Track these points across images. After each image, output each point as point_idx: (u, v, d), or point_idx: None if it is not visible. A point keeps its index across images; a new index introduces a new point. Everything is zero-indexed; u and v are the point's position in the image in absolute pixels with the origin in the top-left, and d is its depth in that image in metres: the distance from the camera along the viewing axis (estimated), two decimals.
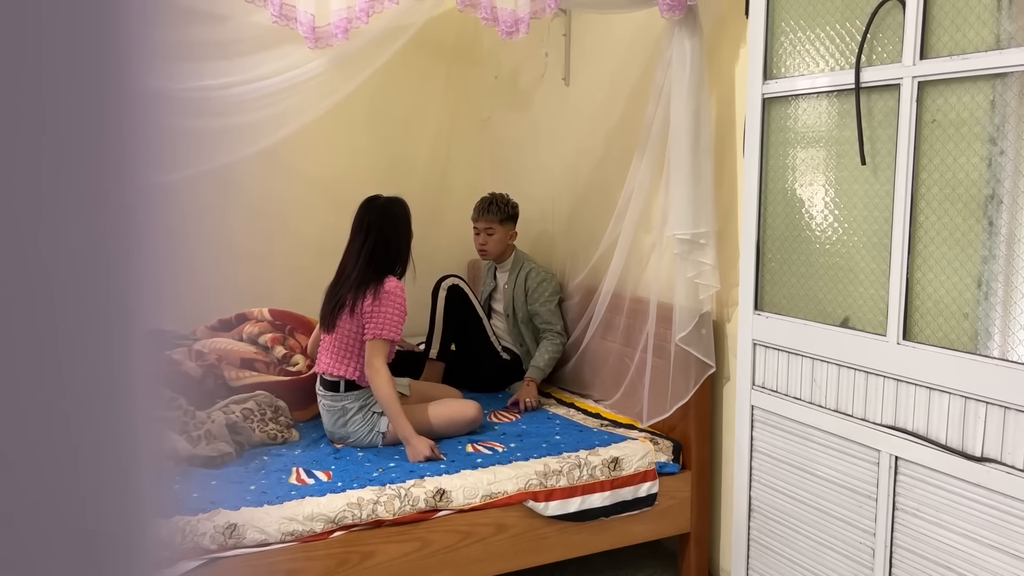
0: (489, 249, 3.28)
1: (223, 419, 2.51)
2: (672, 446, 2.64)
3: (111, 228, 0.33)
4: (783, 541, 2.20)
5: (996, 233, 1.65)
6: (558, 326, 3.21)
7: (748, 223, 2.21)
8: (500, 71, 3.99)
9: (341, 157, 3.79)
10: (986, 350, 1.68)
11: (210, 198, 3.45)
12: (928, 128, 1.76)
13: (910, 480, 1.83)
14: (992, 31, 1.63)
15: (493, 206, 3.25)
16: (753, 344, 2.23)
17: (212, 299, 3.39)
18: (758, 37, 2.13)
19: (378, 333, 2.53)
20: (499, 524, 2.34)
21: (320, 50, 2.74)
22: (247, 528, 2.04)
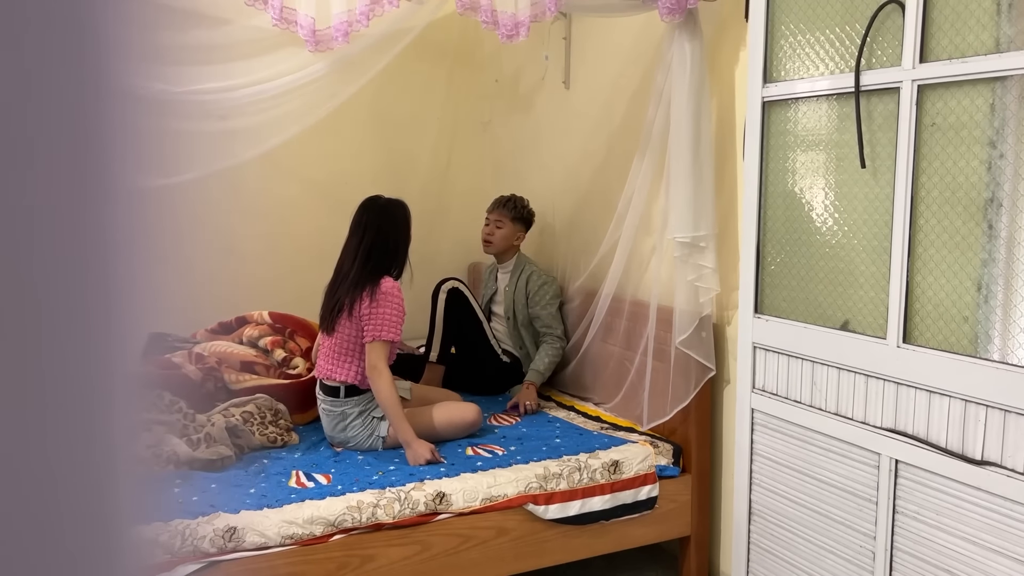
0: (494, 241, 3.30)
1: (223, 422, 2.51)
2: (672, 449, 2.64)
3: (90, 230, 0.32)
4: (783, 545, 2.20)
5: (996, 236, 1.65)
6: (558, 330, 3.22)
7: (748, 226, 2.21)
8: (501, 74, 3.99)
9: (342, 160, 3.79)
10: (986, 353, 1.68)
11: (211, 201, 3.46)
12: (928, 131, 1.76)
13: (910, 483, 1.83)
14: (992, 34, 1.63)
15: (510, 203, 3.32)
16: (753, 347, 2.23)
17: (212, 302, 3.39)
18: (758, 40, 2.13)
19: (377, 335, 2.53)
20: (499, 527, 2.34)
21: (321, 53, 2.74)
22: (247, 531, 2.04)
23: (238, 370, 2.91)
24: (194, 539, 1.98)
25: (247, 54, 2.75)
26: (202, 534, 2.00)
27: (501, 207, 3.31)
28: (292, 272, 3.62)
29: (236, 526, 2.04)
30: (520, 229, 3.33)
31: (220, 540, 2.01)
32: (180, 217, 3.38)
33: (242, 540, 2.03)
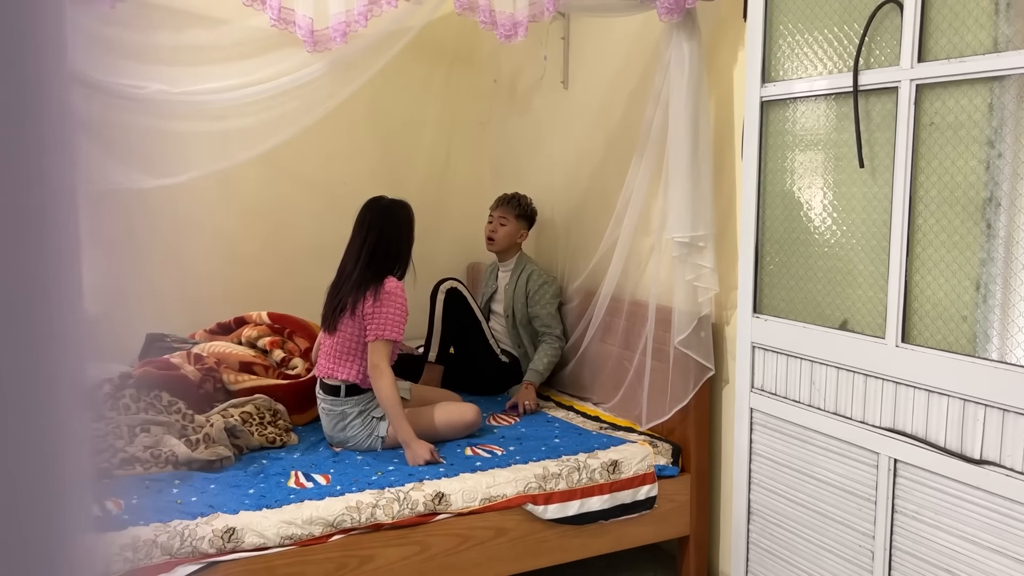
0: (497, 239, 3.30)
1: (222, 423, 2.50)
2: (671, 449, 2.64)
3: (32, 228, 0.31)
4: (782, 544, 2.20)
5: (994, 236, 1.66)
6: (557, 330, 3.22)
7: (747, 226, 2.21)
8: (499, 75, 3.99)
9: (340, 161, 3.79)
10: (985, 352, 1.68)
11: (209, 202, 3.46)
12: (926, 131, 1.76)
13: (909, 483, 1.83)
14: (990, 34, 1.63)
15: (514, 200, 3.33)
16: (752, 347, 2.23)
17: (210, 302, 3.39)
18: (756, 40, 2.13)
19: (380, 334, 2.53)
20: (498, 528, 2.34)
21: (319, 54, 2.74)
22: (246, 532, 2.04)
23: (237, 370, 2.91)
24: (193, 540, 1.98)
25: (245, 54, 2.74)
26: (201, 535, 2.00)
27: (505, 204, 3.32)
28: (290, 273, 3.62)
29: (235, 527, 2.04)
30: (523, 227, 3.34)
31: (219, 541, 2.01)
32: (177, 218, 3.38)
33: (241, 541, 2.03)
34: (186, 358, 2.86)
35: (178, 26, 2.73)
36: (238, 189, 3.54)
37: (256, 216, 3.62)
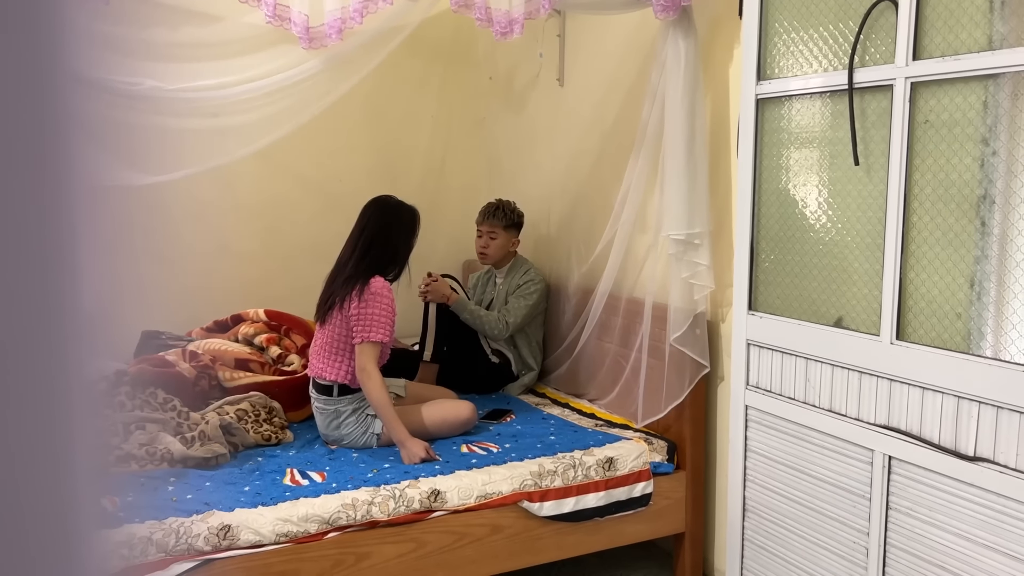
0: (490, 253, 3.28)
1: (217, 420, 2.50)
2: (667, 446, 2.64)
3: (44, 225, 0.31)
4: (777, 541, 2.21)
5: (989, 233, 1.66)
6: (511, 319, 3.15)
7: (742, 224, 2.21)
8: (495, 72, 3.99)
9: (336, 158, 3.79)
10: (979, 350, 1.69)
11: (205, 199, 3.45)
12: (921, 129, 1.77)
13: (904, 480, 1.83)
14: (984, 32, 1.64)
15: (499, 211, 3.25)
16: (747, 344, 2.24)
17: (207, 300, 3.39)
18: (752, 38, 2.14)
19: (366, 336, 2.52)
20: (494, 525, 2.34)
21: (314, 51, 2.74)
22: (241, 529, 2.04)
23: (232, 368, 2.91)
24: (188, 537, 1.98)
25: (240, 51, 2.74)
26: (196, 532, 1.99)
27: (491, 217, 3.25)
28: (287, 270, 3.62)
29: (231, 524, 2.03)
30: (514, 235, 3.30)
31: (215, 538, 2.01)
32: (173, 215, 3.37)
33: (237, 538, 2.03)
34: (181, 355, 2.86)
35: (173, 23, 2.73)
36: (234, 186, 3.54)
37: (252, 213, 3.61)
